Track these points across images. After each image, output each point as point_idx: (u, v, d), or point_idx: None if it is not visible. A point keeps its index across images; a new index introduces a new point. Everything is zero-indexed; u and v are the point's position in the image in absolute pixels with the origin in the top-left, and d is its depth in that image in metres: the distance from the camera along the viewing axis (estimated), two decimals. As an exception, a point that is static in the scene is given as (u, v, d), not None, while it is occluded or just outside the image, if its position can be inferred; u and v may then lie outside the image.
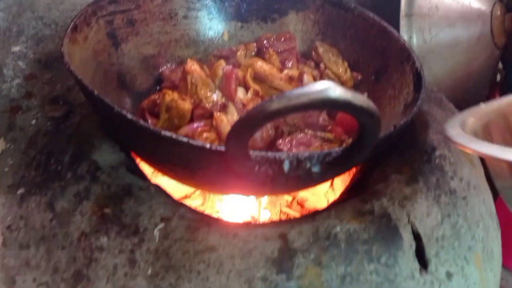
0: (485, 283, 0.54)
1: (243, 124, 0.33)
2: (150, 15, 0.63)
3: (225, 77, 0.53)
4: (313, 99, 0.31)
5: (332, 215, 0.49)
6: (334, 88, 0.31)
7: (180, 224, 0.46)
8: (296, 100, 0.31)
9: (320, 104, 0.31)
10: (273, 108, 0.31)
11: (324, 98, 0.31)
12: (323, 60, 0.64)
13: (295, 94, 0.31)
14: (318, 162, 0.40)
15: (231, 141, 0.35)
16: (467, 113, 0.44)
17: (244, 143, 0.35)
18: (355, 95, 0.32)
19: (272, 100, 0.31)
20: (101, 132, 0.52)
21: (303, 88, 0.31)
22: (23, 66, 0.61)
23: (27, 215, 0.48)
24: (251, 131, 0.34)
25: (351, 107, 0.32)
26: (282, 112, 0.31)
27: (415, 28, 0.85)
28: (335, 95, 0.31)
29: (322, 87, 0.31)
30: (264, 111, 0.32)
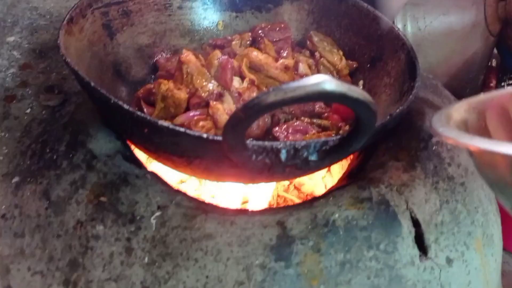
0: (486, 268, 0.54)
1: (239, 115, 0.33)
2: (145, 6, 0.63)
3: (220, 67, 0.52)
4: (309, 92, 0.31)
5: (330, 202, 0.48)
6: (330, 81, 0.31)
7: (177, 212, 0.45)
8: (292, 93, 0.31)
9: (316, 97, 0.31)
10: (269, 100, 0.31)
11: (320, 91, 0.31)
12: (318, 49, 0.63)
13: (291, 87, 0.31)
14: (315, 150, 0.40)
15: (228, 132, 0.35)
16: (451, 109, 0.43)
17: (241, 134, 0.35)
18: (351, 88, 0.32)
19: (269, 93, 0.31)
20: (97, 120, 0.51)
21: (299, 81, 0.31)
22: (18, 56, 0.60)
23: (22, 203, 0.47)
24: (247, 122, 0.34)
25: (347, 99, 0.32)
26: (278, 105, 0.31)
27: (409, 16, 0.85)
28: (331, 88, 0.31)
29: (318, 80, 0.31)
30: (260, 103, 0.31)
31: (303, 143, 0.39)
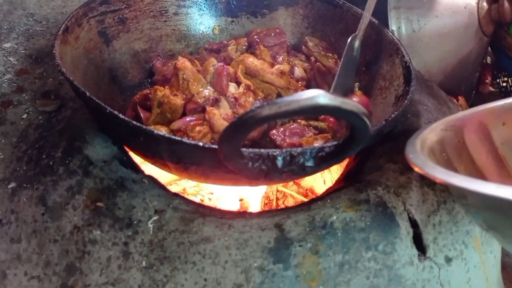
0: (486, 265, 0.54)
1: (235, 128, 0.34)
2: (140, 13, 0.63)
3: (216, 74, 0.52)
4: (303, 106, 0.31)
5: (328, 204, 0.48)
6: (324, 95, 0.31)
7: (174, 216, 0.45)
8: (286, 107, 0.31)
9: (310, 111, 0.32)
10: (264, 114, 0.32)
11: (314, 105, 0.31)
12: (314, 54, 0.64)
13: (285, 101, 0.31)
14: (312, 157, 0.40)
15: (224, 143, 0.35)
16: (427, 131, 0.44)
17: (237, 144, 0.36)
18: (345, 101, 0.32)
19: (263, 107, 0.32)
20: (93, 126, 0.51)
21: (294, 95, 0.31)
22: (14, 62, 0.60)
23: (19, 209, 0.46)
24: (243, 134, 0.34)
25: (341, 112, 0.32)
26: (273, 118, 0.32)
27: (404, 19, 0.85)
28: (324, 102, 0.31)
29: (312, 95, 0.31)
30: (255, 116, 0.32)
31: (299, 150, 0.39)
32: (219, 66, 0.52)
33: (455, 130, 0.45)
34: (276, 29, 0.66)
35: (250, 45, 0.64)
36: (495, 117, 0.48)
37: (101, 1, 0.57)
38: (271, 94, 0.57)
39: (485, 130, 0.47)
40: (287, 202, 0.78)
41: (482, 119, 0.47)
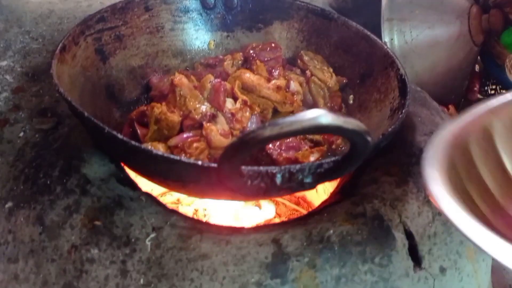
0: (478, 273, 0.54)
1: (236, 148, 0.33)
2: (137, 30, 0.63)
3: (213, 90, 0.52)
4: (305, 126, 0.31)
5: (325, 218, 0.48)
6: (325, 114, 0.31)
7: (172, 233, 0.45)
8: (288, 127, 0.31)
9: (312, 131, 0.32)
10: (266, 135, 0.31)
11: (316, 125, 0.31)
12: (309, 68, 0.64)
13: (287, 122, 0.31)
14: (310, 173, 0.40)
15: (224, 163, 0.35)
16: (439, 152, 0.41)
17: (237, 165, 0.35)
18: (346, 120, 0.32)
19: (265, 127, 0.31)
20: (90, 143, 0.50)
21: (296, 116, 0.31)
22: (11, 80, 0.60)
23: (16, 229, 0.46)
24: (244, 154, 0.34)
25: (343, 131, 0.32)
26: (275, 138, 0.32)
27: (396, 31, 0.86)
28: (326, 122, 0.31)
29: (313, 115, 0.31)
30: (257, 137, 0.32)
31: (298, 167, 0.39)
32: (216, 82, 0.52)
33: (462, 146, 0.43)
34: (271, 43, 0.66)
35: (246, 59, 0.64)
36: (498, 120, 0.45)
37: (98, 18, 0.57)
38: (267, 109, 0.57)
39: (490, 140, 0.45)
40: (279, 210, 0.78)
41: (485, 124, 0.45)
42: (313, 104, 0.62)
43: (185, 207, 0.72)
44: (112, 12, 0.59)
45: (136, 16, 0.62)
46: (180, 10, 0.66)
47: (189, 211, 0.72)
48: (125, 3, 0.61)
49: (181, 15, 0.66)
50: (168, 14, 0.65)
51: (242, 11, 0.69)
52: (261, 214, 0.70)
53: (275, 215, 0.75)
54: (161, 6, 0.64)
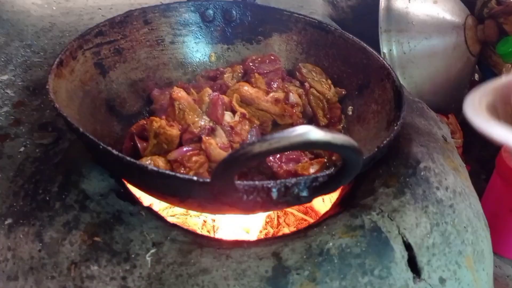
0: (478, 282, 0.53)
1: (226, 165, 0.33)
2: (137, 43, 0.62)
3: (211, 103, 0.51)
4: (293, 143, 0.31)
5: (324, 230, 0.47)
6: (314, 131, 0.31)
7: (172, 248, 0.44)
8: (277, 144, 0.31)
9: (301, 147, 0.32)
10: (255, 151, 0.31)
11: (305, 141, 0.31)
12: (308, 80, 0.63)
13: (276, 139, 0.31)
14: (306, 187, 0.40)
15: (217, 179, 0.35)
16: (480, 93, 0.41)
17: (230, 180, 0.35)
18: (335, 136, 0.32)
19: (254, 144, 0.31)
20: (90, 158, 0.50)
21: (284, 132, 0.31)
22: (12, 94, 0.59)
23: (15, 246, 0.45)
24: (235, 171, 0.34)
25: (332, 146, 0.32)
26: (264, 155, 0.31)
27: (394, 42, 0.86)
28: (315, 138, 0.31)
29: (302, 131, 0.31)
30: (246, 154, 0.31)
31: (294, 181, 0.39)
32: (214, 96, 0.52)
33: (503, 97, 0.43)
34: (270, 55, 0.65)
35: (245, 72, 0.64)
36: None
37: (96, 32, 0.56)
38: (266, 121, 0.56)
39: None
40: (288, 220, 0.77)
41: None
42: (312, 116, 0.62)
43: (194, 218, 0.72)
44: (110, 26, 0.58)
45: (136, 29, 0.62)
46: (180, 23, 0.66)
47: (198, 222, 0.71)
48: (124, 16, 0.60)
49: (181, 28, 0.66)
50: (168, 27, 0.65)
51: (241, 24, 0.69)
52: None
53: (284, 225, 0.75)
54: (160, 19, 0.64)
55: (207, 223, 0.72)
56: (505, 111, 0.42)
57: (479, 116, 0.35)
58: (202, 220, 0.72)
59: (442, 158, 0.59)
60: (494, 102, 0.42)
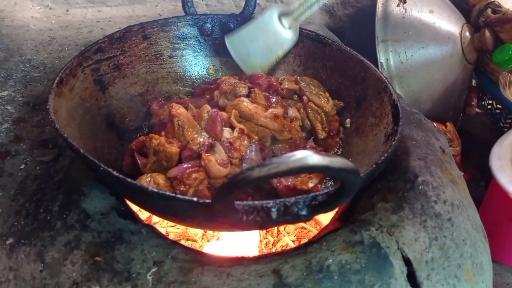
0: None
1: (226, 189, 0.34)
2: (136, 58, 0.62)
3: (210, 120, 0.51)
4: (292, 168, 0.31)
5: (324, 247, 0.47)
6: (312, 156, 0.31)
7: (173, 266, 0.44)
8: (276, 169, 0.31)
9: (299, 171, 0.32)
10: (254, 176, 0.32)
11: (303, 166, 0.31)
12: (306, 93, 0.63)
13: (275, 164, 0.31)
14: (305, 206, 0.40)
15: (217, 201, 0.35)
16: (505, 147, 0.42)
17: (230, 202, 0.36)
18: (332, 160, 0.32)
19: (254, 169, 0.32)
20: (91, 176, 0.49)
21: (283, 157, 0.32)
22: (12, 110, 0.59)
23: (17, 266, 0.45)
24: (235, 194, 0.34)
25: (330, 170, 0.33)
26: (263, 179, 0.32)
27: (391, 52, 0.86)
28: (313, 163, 0.31)
29: (300, 156, 0.31)
30: (246, 178, 0.32)
31: (293, 200, 0.39)
32: (213, 113, 0.52)
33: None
34: None
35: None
36: None
37: (96, 49, 0.56)
38: (265, 137, 0.56)
39: None
40: (288, 229, 0.77)
41: None
42: (311, 129, 0.62)
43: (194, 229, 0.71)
44: (109, 42, 0.58)
45: (135, 44, 0.62)
46: (178, 37, 0.66)
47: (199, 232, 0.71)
48: (123, 32, 0.60)
49: (179, 42, 0.66)
50: (167, 41, 0.65)
51: (239, 37, 0.69)
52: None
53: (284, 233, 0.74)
54: (159, 34, 0.64)
55: (207, 233, 0.72)
56: None
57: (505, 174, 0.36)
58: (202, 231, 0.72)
59: (440, 171, 0.59)
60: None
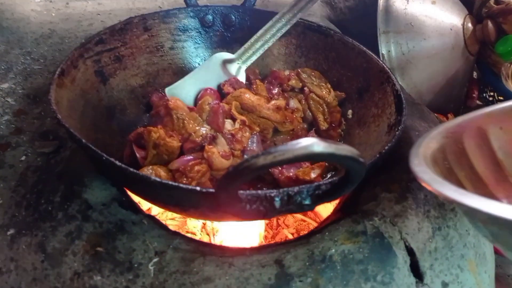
0: (481, 285, 0.53)
1: (231, 177, 0.33)
2: (137, 50, 0.62)
3: (212, 112, 0.51)
4: (297, 155, 0.31)
5: (326, 237, 0.47)
6: (318, 143, 0.31)
7: (175, 257, 0.43)
8: (281, 156, 0.31)
9: (305, 158, 0.31)
10: (259, 164, 0.31)
11: (309, 153, 0.31)
12: (307, 85, 0.62)
13: (280, 151, 0.31)
14: (309, 195, 0.39)
15: (221, 190, 0.35)
16: (427, 139, 0.43)
17: (234, 191, 0.35)
18: (338, 147, 0.32)
19: (259, 156, 0.31)
20: (92, 167, 0.49)
21: (288, 145, 0.31)
22: (12, 102, 0.58)
23: (18, 257, 0.44)
24: (239, 182, 0.34)
25: (335, 158, 0.32)
26: (268, 167, 0.31)
27: (393, 43, 0.85)
28: (319, 150, 0.31)
29: (306, 143, 0.31)
30: (251, 166, 0.31)
31: (296, 189, 0.38)
32: (215, 105, 0.51)
33: (454, 137, 0.44)
34: None
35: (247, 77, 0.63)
36: (492, 121, 0.47)
37: (97, 41, 0.55)
38: (267, 128, 0.55)
39: (483, 135, 0.46)
40: (287, 221, 0.76)
41: (480, 124, 0.46)
42: (312, 121, 0.61)
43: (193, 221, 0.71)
44: (110, 34, 0.58)
45: (135, 36, 0.61)
46: (179, 29, 0.65)
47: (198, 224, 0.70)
48: (124, 24, 0.59)
49: (180, 33, 0.65)
50: (168, 33, 0.64)
51: (240, 28, 0.68)
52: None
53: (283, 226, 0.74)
54: (160, 25, 0.63)
55: (206, 225, 0.71)
56: (454, 151, 0.43)
57: (425, 172, 0.36)
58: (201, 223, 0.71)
59: (443, 161, 0.58)
60: (443, 144, 0.43)
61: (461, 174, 0.42)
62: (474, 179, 0.43)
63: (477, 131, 0.46)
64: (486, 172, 0.44)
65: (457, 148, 0.44)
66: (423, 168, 0.36)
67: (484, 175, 0.44)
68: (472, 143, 0.45)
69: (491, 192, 0.43)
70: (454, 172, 0.42)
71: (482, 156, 0.45)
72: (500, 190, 0.44)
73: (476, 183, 0.43)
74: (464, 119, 0.47)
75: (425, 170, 0.36)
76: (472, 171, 0.43)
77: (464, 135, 0.45)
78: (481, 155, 0.44)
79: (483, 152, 0.45)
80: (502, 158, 0.46)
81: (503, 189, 0.44)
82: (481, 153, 0.45)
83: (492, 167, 0.45)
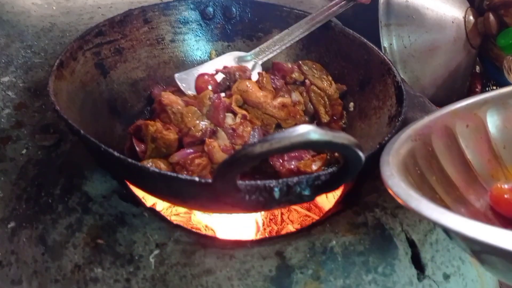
0: (483, 278, 0.52)
1: (228, 166, 0.33)
2: (137, 42, 0.61)
3: (213, 107, 0.50)
4: (294, 143, 0.30)
5: (327, 229, 0.47)
6: (314, 131, 0.30)
7: (176, 249, 0.43)
8: (278, 144, 0.30)
9: (302, 146, 0.31)
10: (256, 152, 0.31)
11: (306, 141, 0.30)
12: (308, 77, 0.61)
13: (276, 139, 0.30)
14: (308, 186, 0.39)
15: (219, 180, 0.34)
16: (397, 144, 0.42)
17: (232, 180, 0.34)
18: (335, 135, 0.31)
19: (255, 144, 0.31)
20: (92, 160, 0.48)
21: (285, 132, 0.31)
22: (13, 96, 0.57)
23: (18, 249, 0.44)
24: (237, 171, 0.33)
25: (332, 145, 0.32)
26: (265, 155, 0.31)
27: (395, 36, 0.84)
28: (315, 138, 0.30)
29: (302, 131, 0.30)
30: (248, 154, 0.31)
31: (296, 180, 0.38)
32: (216, 99, 0.50)
33: (423, 139, 0.44)
34: None
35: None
36: (458, 119, 0.46)
37: (96, 33, 0.55)
38: (270, 124, 0.55)
39: (451, 134, 0.45)
40: (292, 217, 0.76)
41: (447, 123, 0.46)
42: (314, 113, 0.61)
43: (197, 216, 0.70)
44: (110, 26, 0.57)
45: (136, 28, 0.60)
46: (180, 21, 0.65)
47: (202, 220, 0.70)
48: (124, 16, 0.59)
49: (181, 26, 0.65)
50: (168, 25, 0.64)
51: (241, 21, 0.68)
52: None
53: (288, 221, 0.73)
54: (160, 18, 0.63)
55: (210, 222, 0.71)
56: (424, 155, 0.42)
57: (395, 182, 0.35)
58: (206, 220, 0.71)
59: (444, 153, 0.58)
60: (413, 148, 0.42)
61: (432, 179, 0.41)
62: (445, 182, 0.42)
63: (444, 131, 0.45)
64: (456, 174, 0.43)
65: (427, 151, 0.43)
66: (396, 181, 0.35)
67: (454, 178, 0.43)
68: (441, 144, 0.44)
69: (462, 195, 0.42)
70: (426, 177, 0.41)
71: (451, 157, 0.44)
72: (471, 192, 0.43)
73: (447, 187, 0.42)
74: (430, 118, 0.46)
75: (399, 184, 0.35)
76: (443, 174, 0.43)
77: (432, 136, 0.44)
78: (450, 156, 0.44)
79: (452, 153, 0.44)
80: (470, 157, 0.45)
81: (474, 191, 0.43)
82: (450, 154, 0.44)
83: (462, 168, 0.44)
